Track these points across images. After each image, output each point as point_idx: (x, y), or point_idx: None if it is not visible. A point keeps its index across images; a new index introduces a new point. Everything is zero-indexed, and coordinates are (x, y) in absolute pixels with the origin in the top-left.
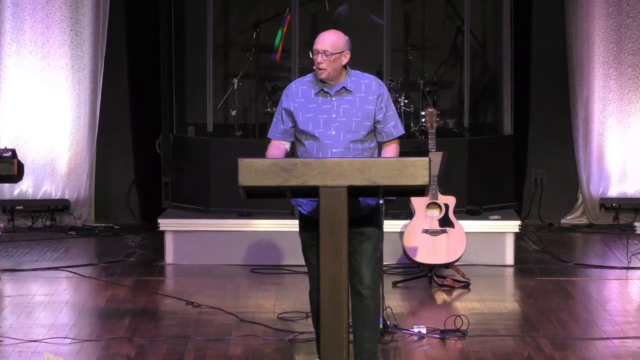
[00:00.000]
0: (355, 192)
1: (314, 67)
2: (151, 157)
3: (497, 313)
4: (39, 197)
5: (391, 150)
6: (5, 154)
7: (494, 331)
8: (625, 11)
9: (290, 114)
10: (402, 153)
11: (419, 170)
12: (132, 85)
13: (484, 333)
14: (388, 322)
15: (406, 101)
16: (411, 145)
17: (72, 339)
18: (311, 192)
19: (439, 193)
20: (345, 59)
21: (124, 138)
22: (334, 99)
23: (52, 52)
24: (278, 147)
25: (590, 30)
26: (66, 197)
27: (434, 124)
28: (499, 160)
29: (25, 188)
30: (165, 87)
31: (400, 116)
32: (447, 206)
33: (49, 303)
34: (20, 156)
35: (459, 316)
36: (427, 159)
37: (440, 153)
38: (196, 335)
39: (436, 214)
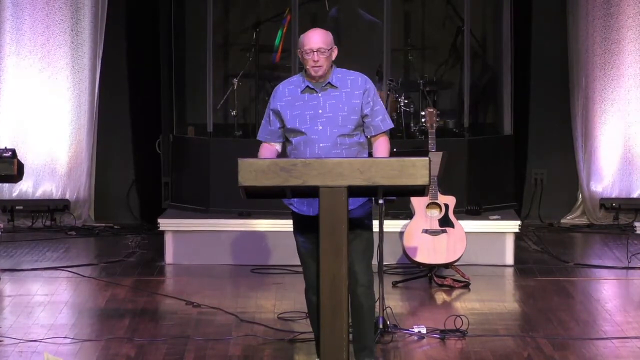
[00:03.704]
0: (355, 192)
1: (306, 67)
2: (151, 157)
3: (497, 313)
4: (38, 197)
5: (381, 144)
6: (5, 154)
7: (494, 331)
8: (625, 11)
9: (277, 114)
10: (402, 153)
11: (419, 170)
12: (131, 85)
13: (484, 333)
14: (388, 322)
15: (406, 101)
16: (411, 145)
17: (72, 339)
18: (311, 192)
19: (439, 193)
20: (334, 55)
21: (124, 138)
22: (320, 94)
23: (52, 52)
24: (269, 148)
25: (590, 30)
26: (66, 197)
27: (434, 124)
28: (499, 160)
29: (25, 188)
30: (165, 87)
31: (400, 116)
32: (447, 206)
33: (49, 303)
34: (20, 156)
35: (459, 316)
36: (427, 159)
37: (440, 153)
38: (196, 335)
39: (436, 214)
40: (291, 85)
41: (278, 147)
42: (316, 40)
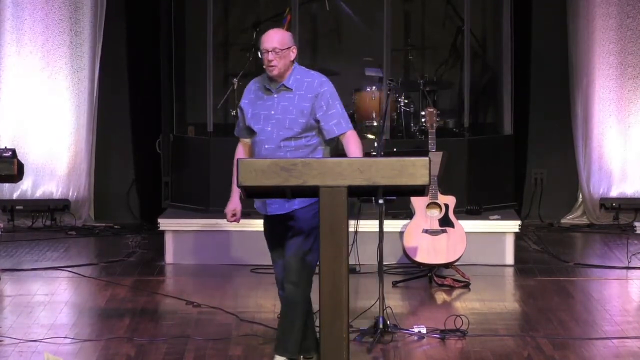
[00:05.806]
0: (355, 192)
1: (264, 67)
2: (151, 157)
3: (497, 313)
4: (39, 197)
5: (349, 145)
6: (5, 154)
7: (494, 331)
8: (625, 11)
9: (242, 110)
10: (402, 153)
11: (419, 170)
12: (132, 85)
13: (484, 333)
14: (388, 322)
15: (406, 101)
16: (411, 145)
17: (72, 338)
18: (311, 191)
19: (439, 193)
20: (292, 54)
21: (124, 138)
22: (275, 96)
23: (51, 52)
24: (243, 147)
25: (590, 30)
26: (66, 197)
27: (434, 124)
28: (499, 160)
29: (25, 188)
30: (165, 87)
31: (400, 116)
32: (447, 206)
33: (49, 303)
34: (20, 156)
35: (459, 316)
36: (427, 158)
37: (440, 153)
38: (196, 335)
39: (436, 213)
40: (258, 82)
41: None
42: (270, 40)
